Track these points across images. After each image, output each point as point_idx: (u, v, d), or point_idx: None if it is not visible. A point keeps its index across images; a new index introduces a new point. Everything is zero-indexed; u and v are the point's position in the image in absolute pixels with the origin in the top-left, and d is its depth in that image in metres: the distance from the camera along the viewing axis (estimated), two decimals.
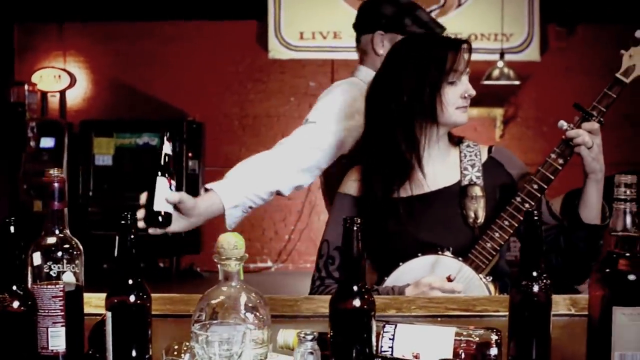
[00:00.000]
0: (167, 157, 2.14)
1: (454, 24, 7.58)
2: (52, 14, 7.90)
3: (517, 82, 6.66)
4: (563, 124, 2.18)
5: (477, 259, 2.19)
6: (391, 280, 2.27)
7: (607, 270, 1.33)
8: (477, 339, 1.42)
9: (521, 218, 2.18)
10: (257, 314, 1.51)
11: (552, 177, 2.19)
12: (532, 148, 7.59)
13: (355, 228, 1.45)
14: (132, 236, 1.43)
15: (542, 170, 2.19)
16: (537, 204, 2.22)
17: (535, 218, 1.49)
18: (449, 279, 2.13)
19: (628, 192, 1.33)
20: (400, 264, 2.26)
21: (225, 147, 7.85)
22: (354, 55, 2.85)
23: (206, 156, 7.81)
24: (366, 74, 2.61)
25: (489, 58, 7.18)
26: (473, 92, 2.24)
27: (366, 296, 1.39)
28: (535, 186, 2.18)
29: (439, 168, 2.36)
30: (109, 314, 1.40)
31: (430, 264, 2.24)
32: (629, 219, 1.33)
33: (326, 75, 7.73)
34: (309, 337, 1.38)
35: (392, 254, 2.30)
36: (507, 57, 7.51)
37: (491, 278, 2.20)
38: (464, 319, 1.86)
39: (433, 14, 7.62)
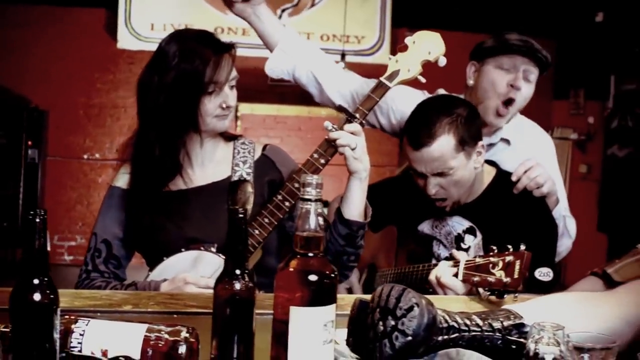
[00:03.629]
0: None
1: (305, 25, 7.65)
2: None
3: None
4: (328, 124, 2.20)
5: None
6: (154, 275, 2.24)
7: (291, 269, 1.33)
8: (167, 336, 1.39)
9: (281, 216, 2.19)
10: None
11: None
12: (379, 150, 7.71)
13: None
14: None
15: (303, 170, 2.20)
16: (322, 205, 2.23)
17: (240, 216, 1.48)
18: None
19: (314, 192, 1.33)
20: (164, 258, 2.24)
21: (69, 136, 7.64)
22: None
23: (48, 145, 7.56)
24: None
25: (337, 59, 7.27)
26: (231, 104, 2.23)
27: (48, 291, 1.34)
28: (297, 185, 2.18)
29: (210, 163, 2.35)
30: None
31: (192, 259, 2.22)
32: (314, 219, 1.33)
33: None
34: None
35: (159, 248, 2.28)
36: (358, 59, 7.62)
37: None
38: (202, 316, 1.83)
39: (286, 13, 7.64)
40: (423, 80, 2.26)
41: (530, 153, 2.68)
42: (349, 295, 2.53)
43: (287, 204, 2.19)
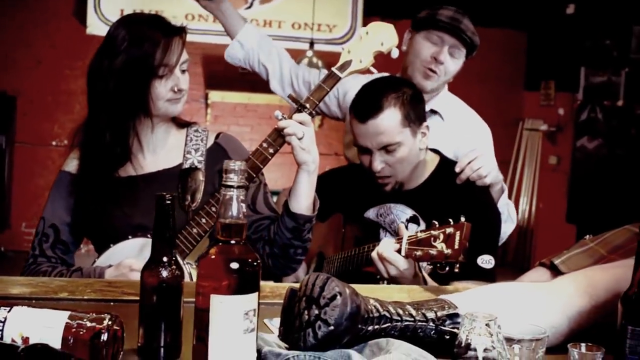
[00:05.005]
0: None
1: (276, 13, 7.62)
2: None
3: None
4: (278, 113, 2.19)
5: (182, 244, 2.17)
6: (101, 261, 2.23)
7: (212, 257, 1.31)
8: (90, 323, 1.37)
9: None
10: None
11: (262, 166, 2.19)
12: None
13: None
14: None
15: (252, 159, 2.19)
16: (246, 191, 2.21)
17: (167, 202, 1.46)
18: None
19: (236, 179, 1.31)
20: (111, 245, 2.22)
21: (38, 123, 7.55)
22: None
23: (16, 132, 7.48)
24: None
25: (304, 48, 7.26)
26: (183, 87, 2.21)
27: None
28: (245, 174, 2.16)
29: (161, 150, 2.33)
30: None
31: (139, 246, 2.21)
32: (236, 206, 1.31)
33: None
34: None
35: (107, 234, 2.27)
36: (329, 48, 7.58)
37: (196, 264, 2.17)
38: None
39: (257, 1, 7.60)
40: (375, 71, 2.26)
41: (467, 135, 2.87)
42: (283, 284, 2.52)
43: None
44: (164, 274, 1.46)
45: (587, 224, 6.94)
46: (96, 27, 7.46)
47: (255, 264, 1.31)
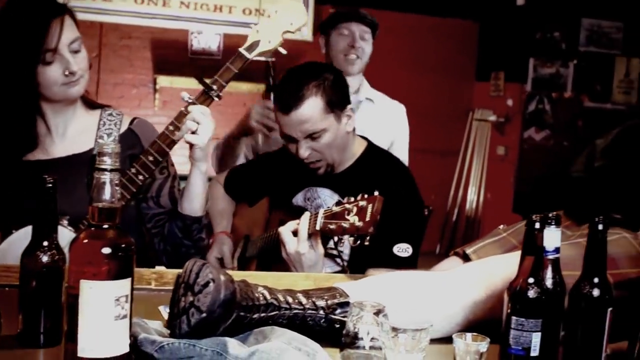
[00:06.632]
0: None
1: None
2: None
3: (272, 59, 6.64)
4: (184, 95, 2.16)
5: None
6: (2, 247, 2.18)
7: (84, 241, 1.28)
8: None
9: (134, 190, 2.14)
10: None
11: (168, 150, 2.16)
12: None
13: None
14: None
15: (158, 142, 2.15)
16: (151, 176, 2.18)
17: (48, 185, 1.43)
18: None
19: (109, 162, 1.28)
20: (14, 230, 2.17)
21: None
22: (126, 20, 2.75)
23: None
24: None
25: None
26: (74, 69, 2.13)
27: None
28: (151, 158, 2.13)
29: (72, 134, 2.27)
30: None
31: None
32: (110, 190, 1.28)
33: (94, 37, 7.43)
34: None
35: (12, 219, 2.20)
36: None
37: None
38: None
39: None
40: (284, 51, 2.22)
41: (393, 113, 3.44)
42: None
43: (140, 177, 2.13)
44: (44, 258, 1.43)
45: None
46: None
47: (128, 249, 1.28)
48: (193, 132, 2.09)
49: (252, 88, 7.75)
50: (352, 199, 2.09)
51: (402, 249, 2.34)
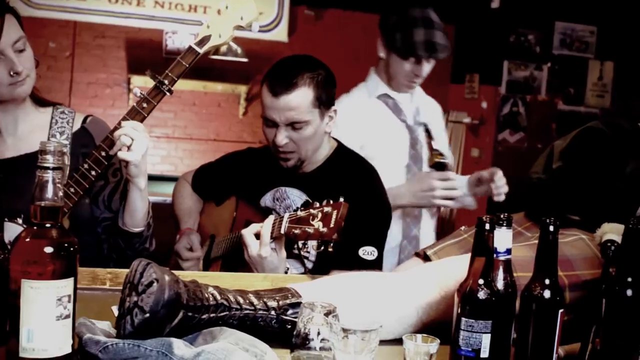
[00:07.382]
0: None
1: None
2: None
3: (244, 60, 6.65)
4: (137, 90, 2.15)
5: None
6: None
7: (26, 240, 1.26)
8: None
9: (87, 185, 2.12)
10: None
11: None
12: None
13: None
14: None
15: (110, 137, 2.12)
16: (103, 171, 2.15)
17: None
18: None
19: (52, 160, 1.26)
20: None
21: None
22: (100, 19, 2.70)
23: None
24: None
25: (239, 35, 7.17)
26: (19, 69, 2.10)
27: None
28: (103, 153, 2.12)
29: (23, 133, 2.25)
30: None
31: None
32: (52, 188, 1.27)
33: (68, 36, 7.40)
34: None
35: None
36: (256, 35, 7.51)
37: None
38: None
39: None
40: (235, 46, 2.21)
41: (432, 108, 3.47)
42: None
43: (93, 173, 2.10)
44: None
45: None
46: (16, 7, 7.26)
47: (71, 248, 1.27)
48: (128, 146, 2.05)
49: (227, 88, 7.75)
50: (317, 205, 2.08)
51: (368, 252, 2.34)
